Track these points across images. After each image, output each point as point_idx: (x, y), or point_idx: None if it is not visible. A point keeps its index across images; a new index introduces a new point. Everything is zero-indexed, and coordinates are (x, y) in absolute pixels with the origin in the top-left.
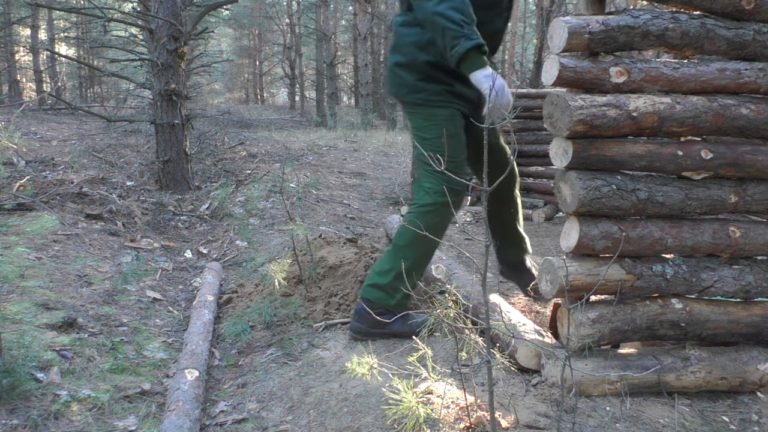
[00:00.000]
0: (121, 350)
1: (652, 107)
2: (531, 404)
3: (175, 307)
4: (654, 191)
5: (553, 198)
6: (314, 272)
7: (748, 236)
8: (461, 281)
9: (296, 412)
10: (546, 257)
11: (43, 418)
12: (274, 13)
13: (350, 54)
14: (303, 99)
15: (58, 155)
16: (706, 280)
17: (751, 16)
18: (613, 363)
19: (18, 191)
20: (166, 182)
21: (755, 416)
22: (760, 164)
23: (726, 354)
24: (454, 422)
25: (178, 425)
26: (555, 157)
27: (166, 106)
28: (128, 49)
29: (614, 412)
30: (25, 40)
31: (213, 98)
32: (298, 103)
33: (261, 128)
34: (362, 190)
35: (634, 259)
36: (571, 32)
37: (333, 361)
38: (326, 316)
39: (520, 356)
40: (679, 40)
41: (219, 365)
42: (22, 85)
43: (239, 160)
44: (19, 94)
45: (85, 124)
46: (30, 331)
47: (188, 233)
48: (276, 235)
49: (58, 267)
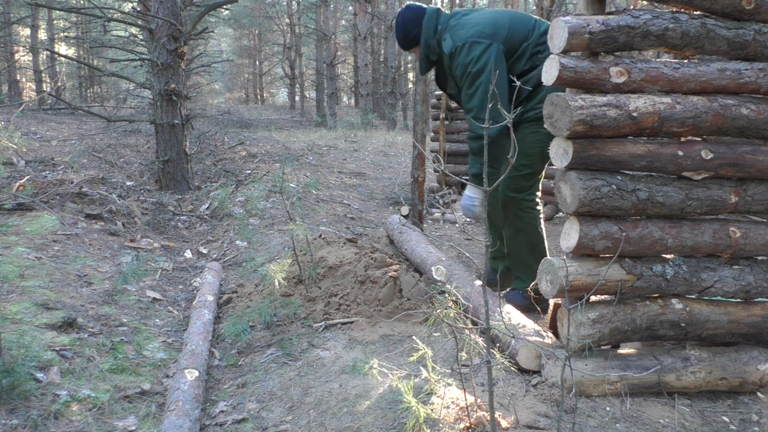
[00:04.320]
0: (121, 350)
1: (652, 107)
2: (531, 404)
3: (175, 307)
4: (654, 191)
5: (553, 198)
6: (314, 272)
7: (748, 236)
8: (461, 282)
9: (296, 412)
10: (546, 257)
11: (43, 418)
12: (274, 13)
13: (350, 54)
14: (303, 99)
15: (58, 155)
16: (706, 281)
17: (751, 16)
18: (613, 363)
19: (18, 191)
20: (166, 182)
21: (755, 416)
22: (760, 164)
23: (726, 354)
24: (454, 422)
25: (178, 425)
26: (555, 157)
27: (166, 106)
28: (128, 49)
29: (614, 412)
30: (25, 40)
31: (213, 98)
32: (298, 103)
33: (261, 128)
34: (362, 190)
35: (634, 260)
36: (571, 32)
37: (333, 361)
38: (326, 316)
39: (521, 358)
40: (680, 40)
41: (219, 365)
42: (22, 85)
43: (239, 160)
44: (19, 94)
45: (85, 124)
46: (30, 331)
47: (188, 233)
48: (276, 235)
49: (58, 267)
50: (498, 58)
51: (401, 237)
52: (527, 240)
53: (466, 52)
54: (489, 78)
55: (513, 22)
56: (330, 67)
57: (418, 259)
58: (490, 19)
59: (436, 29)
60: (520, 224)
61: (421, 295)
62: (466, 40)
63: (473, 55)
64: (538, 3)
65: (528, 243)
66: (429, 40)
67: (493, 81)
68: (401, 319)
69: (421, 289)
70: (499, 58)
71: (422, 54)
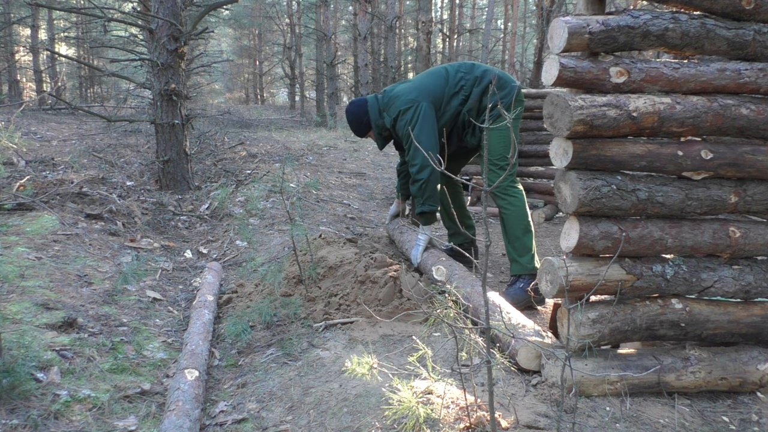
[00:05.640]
0: (121, 350)
1: (652, 107)
2: (531, 404)
3: (175, 307)
4: (654, 191)
5: (553, 198)
6: (314, 272)
7: (748, 236)
8: (462, 282)
9: (296, 412)
10: (546, 257)
11: (43, 418)
12: (274, 13)
13: (350, 54)
14: (303, 99)
15: (58, 155)
16: (706, 281)
17: (751, 16)
18: (613, 363)
19: (18, 191)
20: (166, 182)
21: (755, 416)
22: (760, 164)
23: (726, 354)
24: (454, 422)
25: (178, 425)
26: (555, 158)
27: (166, 106)
28: (128, 49)
29: (614, 412)
30: (25, 40)
31: (213, 98)
32: (298, 103)
33: (261, 128)
34: (362, 190)
35: (634, 260)
36: (571, 32)
37: (333, 361)
38: (326, 316)
39: (521, 358)
40: (680, 41)
41: (219, 365)
42: (22, 85)
43: (239, 160)
44: (19, 94)
45: (85, 124)
46: (30, 331)
47: (188, 233)
48: (276, 235)
49: (58, 267)
50: (426, 113)
51: (401, 237)
52: (522, 223)
53: (401, 119)
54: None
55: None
56: (330, 67)
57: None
58: (412, 86)
59: (380, 111)
60: (512, 208)
61: (421, 295)
62: (399, 109)
63: (406, 119)
64: (538, 3)
65: (523, 226)
66: (377, 122)
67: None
68: (401, 319)
69: (421, 289)
70: (428, 112)
71: (376, 134)
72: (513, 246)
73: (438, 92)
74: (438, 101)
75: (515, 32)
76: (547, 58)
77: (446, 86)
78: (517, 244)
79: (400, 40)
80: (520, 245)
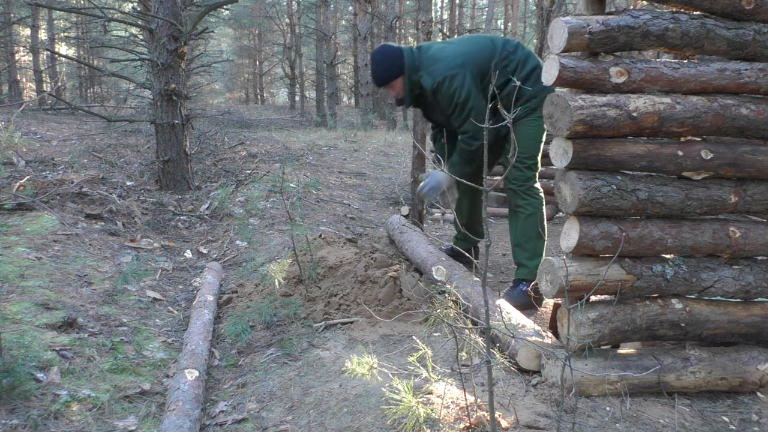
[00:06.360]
0: (121, 350)
1: (652, 107)
2: (531, 404)
3: (175, 307)
4: (654, 191)
5: (553, 198)
6: (314, 272)
7: (748, 236)
8: (462, 282)
9: (296, 412)
10: (546, 257)
11: (43, 418)
12: (274, 13)
13: (350, 54)
14: (303, 99)
15: (58, 155)
16: (706, 281)
17: (751, 17)
18: (613, 363)
19: (18, 191)
20: (166, 182)
21: (755, 416)
22: (760, 164)
23: (726, 354)
24: (454, 422)
25: (178, 425)
26: (555, 157)
27: (166, 106)
28: (128, 49)
29: (614, 412)
30: (25, 40)
31: (213, 98)
32: (298, 103)
33: (261, 128)
34: (362, 190)
35: (634, 260)
36: (571, 32)
37: (333, 361)
38: (326, 316)
39: (521, 358)
40: (679, 41)
41: (219, 365)
42: (22, 85)
43: (239, 160)
44: (19, 94)
45: (85, 124)
46: (30, 331)
47: (188, 233)
48: (276, 235)
49: (58, 267)
50: (474, 83)
51: (402, 237)
52: (536, 227)
53: (448, 85)
54: (474, 103)
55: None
56: (330, 67)
57: (419, 259)
58: (456, 50)
59: (416, 66)
60: (531, 209)
61: (421, 295)
62: (444, 74)
63: (455, 86)
64: (538, 3)
65: (536, 231)
66: (413, 76)
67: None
68: (401, 319)
69: (421, 289)
70: (475, 83)
71: (407, 88)
72: (523, 248)
73: (484, 65)
74: (482, 74)
75: (515, 32)
76: (547, 58)
77: (491, 61)
78: (528, 246)
79: (400, 40)
80: (531, 247)
